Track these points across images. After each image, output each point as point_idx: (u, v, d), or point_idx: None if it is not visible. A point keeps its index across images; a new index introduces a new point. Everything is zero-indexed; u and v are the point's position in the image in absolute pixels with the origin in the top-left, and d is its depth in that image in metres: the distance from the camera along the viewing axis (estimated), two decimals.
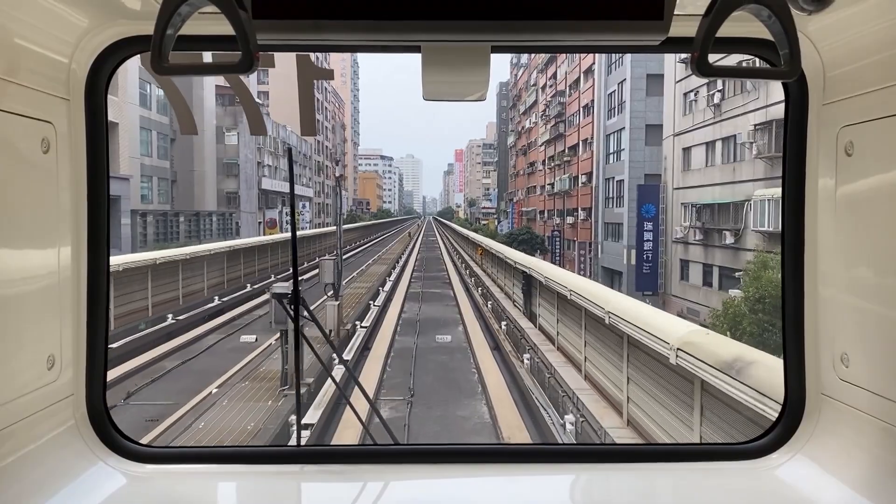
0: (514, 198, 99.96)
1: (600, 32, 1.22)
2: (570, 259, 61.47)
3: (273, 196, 72.70)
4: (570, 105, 62.79)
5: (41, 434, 1.74)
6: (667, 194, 37.32)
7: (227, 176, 64.70)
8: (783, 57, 1.21)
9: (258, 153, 67.39)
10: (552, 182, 71.47)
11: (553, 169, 70.89)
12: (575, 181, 60.87)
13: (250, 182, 65.76)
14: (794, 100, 1.85)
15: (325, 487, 2.02)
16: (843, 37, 1.66)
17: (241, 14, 1.12)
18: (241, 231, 64.56)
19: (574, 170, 60.88)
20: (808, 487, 1.86)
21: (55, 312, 1.76)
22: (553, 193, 70.02)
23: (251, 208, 65.70)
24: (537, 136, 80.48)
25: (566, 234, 63.81)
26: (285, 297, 3.30)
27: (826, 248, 1.83)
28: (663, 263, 37.23)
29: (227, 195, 64.62)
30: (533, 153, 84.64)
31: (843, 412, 1.83)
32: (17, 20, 1.51)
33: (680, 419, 9.07)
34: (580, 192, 58.52)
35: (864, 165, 1.67)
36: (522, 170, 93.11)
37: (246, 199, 65.58)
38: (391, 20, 1.20)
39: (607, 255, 50.15)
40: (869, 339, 1.71)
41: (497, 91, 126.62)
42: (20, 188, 1.60)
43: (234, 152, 64.28)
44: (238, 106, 63.60)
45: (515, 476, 2.01)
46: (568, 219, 61.97)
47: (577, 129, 59.88)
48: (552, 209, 71.75)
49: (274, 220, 69.19)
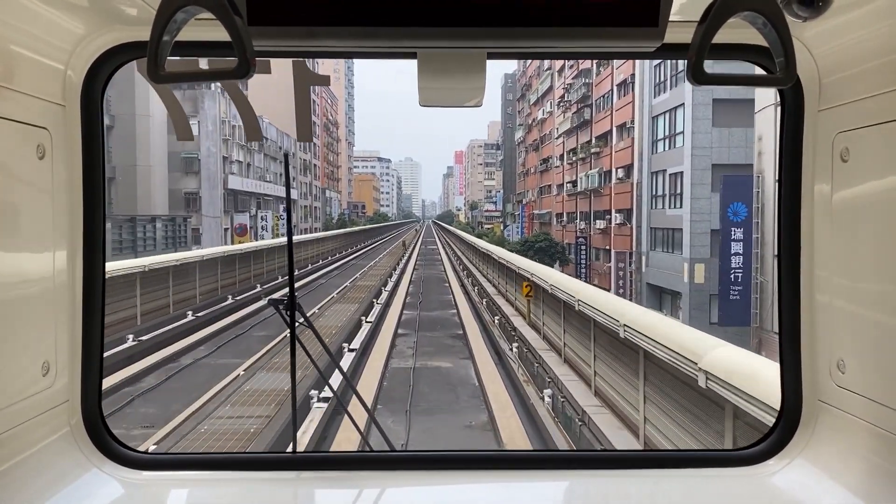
0: (524, 199, 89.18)
1: (595, 39, 1.22)
2: (601, 272, 50.55)
3: (244, 197, 61.79)
4: (600, 85, 52.04)
5: (36, 441, 1.74)
6: (763, 189, 25.95)
7: (186, 173, 53.89)
8: (778, 64, 1.20)
9: (224, 146, 56.53)
10: (573, 180, 60.65)
11: (574, 164, 60.11)
12: (607, 177, 50.05)
13: (214, 180, 54.89)
14: (789, 106, 1.86)
15: (321, 494, 2.04)
16: (839, 43, 1.68)
17: (237, 20, 1.12)
18: (203, 239, 53.77)
19: (605, 163, 50.04)
20: (804, 494, 1.88)
21: (50, 318, 1.77)
22: (575, 193, 59.24)
23: (214, 211, 54.83)
24: (553, 127, 69.77)
25: (594, 242, 52.97)
26: (282, 304, 2.24)
27: (822, 254, 1.85)
28: (757, 286, 25.90)
29: (186, 196, 53.83)
30: (547, 148, 73.88)
31: (839, 418, 1.83)
32: (13, 27, 1.53)
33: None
34: (614, 191, 47.73)
35: (860, 171, 1.69)
36: (534, 167, 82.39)
37: (208, 200, 54.71)
38: (387, 27, 1.20)
39: (656, 270, 39.31)
40: (866, 345, 1.72)
41: (502, 84, 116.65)
42: (16, 194, 1.62)
43: (193, 144, 53.44)
44: (199, 89, 53.04)
45: (513, 483, 2.00)
46: (597, 223, 51.12)
47: (609, 114, 49.08)
48: (573, 212, 60.94)
49: (244, 227, 58.32)
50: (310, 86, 42.04)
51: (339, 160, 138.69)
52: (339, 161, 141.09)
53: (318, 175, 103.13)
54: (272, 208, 71.55)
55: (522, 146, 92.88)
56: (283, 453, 3.42)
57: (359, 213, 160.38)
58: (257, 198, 66.35)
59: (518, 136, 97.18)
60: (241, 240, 55.66)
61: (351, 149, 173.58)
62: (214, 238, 54.34)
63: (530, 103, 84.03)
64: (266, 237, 62.66)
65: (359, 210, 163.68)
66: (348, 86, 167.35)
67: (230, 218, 57.51)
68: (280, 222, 71.12)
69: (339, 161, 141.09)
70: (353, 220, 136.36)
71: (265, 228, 65.11)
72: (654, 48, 1.24)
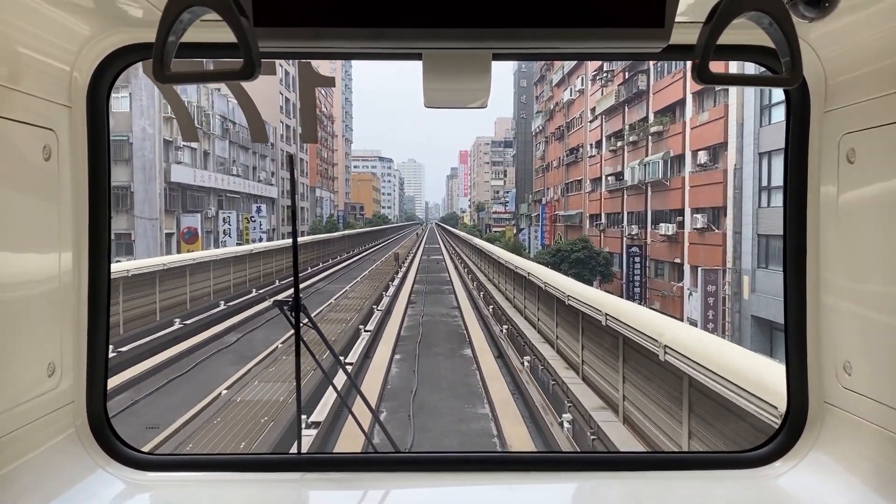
0: (544, 198, 76.15)
1: (601, 40, 1.22)
2: (665, 294, 37.46)
3: (196, 194, 48.76)
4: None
5: (41, 441, 1.75)
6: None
7: (113, 161, 41.04)
8: (784, 64, 1.20)
9: (168, 127, 43.59)
10: (617, 171, 47.61)
11: (619, 151, 47.08)
12: (675, 164, 37.03)
13: (150, 171, 41.96)
14: (795, 107, 1.85)
15: (325, 496, 2.04)
16: (845, 44, 1.68)
17: (243, 21, 1.13)
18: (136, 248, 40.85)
19: (674, 145, 37.02)
20: (810, 496, 1.87)
21: (56, 319, 1.78)
22: (620, 188, 46.23)
23: (151, 212, 41.85)
24: (584, 108, 56.82)
25: (653, 252, 39.93)
26: (286, 305, 2.34)
27: (828, 255, 1.85)
28: None
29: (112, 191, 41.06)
30: (576, 135, 60.89)
31: (845, 421, 1.83)
32: (20, 28, 1.54)
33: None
34: (690, 182, 34.70)
35: (867, 173, 1.68)
36: (557, 160, 69.39)
37: (143, 196, 41.79)
38: (392, 27, 1.20)
39: (767, 298, 26.27)
40: (872, 347, 1.71)
41: (514, 70, 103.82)
42: (22, 195, 1.63)
43: (124, 125, 40.61)
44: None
45: (517, 485, 2.00)
46: (659, 227, 38.07)
47: (680, 76, 36.01)
48: (615, 212, 47.91)
49: (194, 231, 45.33)
50: (315, 87, 41.47)
51: (334, 157, 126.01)
52: (336, 158, 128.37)
53: (307, 171, 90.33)
54: (240, 208, 58.70)
55: (541, 137, 79.85)
56: (287, 454, 3.03)
57: (357, 214, 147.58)
58: (219, 195, 53.44)
59: (535, 125, 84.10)
60: (189, 247, 42.77)
61: (349, 146, 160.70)
62: (151, 246, 41.39)
63: (552, 84, 71.10)
64: (229, 243, 49.90)
65: (357, 212, 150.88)
66: (345, 77, 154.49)
67: (175, 220, 44.59)
68: (251, 225, 58.30)
69: (336, 158, 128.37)
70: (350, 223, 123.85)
71: (228, 233, 52.20)
72: (661, 49, 1.23)
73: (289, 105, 75.88)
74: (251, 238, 56.90)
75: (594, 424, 10.72)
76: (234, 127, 57.91)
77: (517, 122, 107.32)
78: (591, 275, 43.64)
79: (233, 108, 56.39)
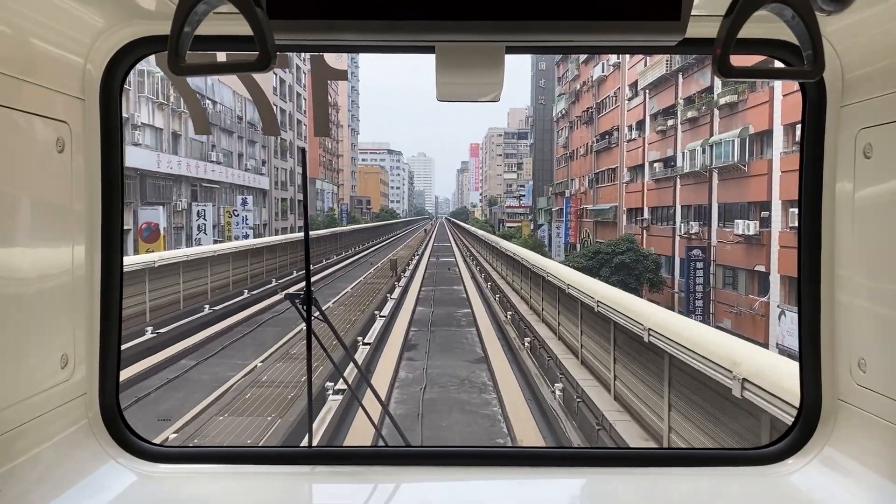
0: (568, 191, 68.09)
1: (617, 33, 1.22)
2: (743, 311, 29.46)
3: (161, 183, 41.03)
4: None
5: (54, 432, 1.76)
6: None
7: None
8: (806, 58, 1.19)
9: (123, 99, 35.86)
10: (667, 156, 39.60)
11: (670, 131, 39.05)
12: (757, 143, 28.97)
13: None
14: (811, 102, 1.84)
15: (335, 489, 2.05)
16: (862, 38, 1.66)
17: (258, 13, 1.13)
18: None
19: (756, 119, 28.95)
20: (823, 493, 1.87)
21: (69, 311, 1.79)
22: (671, 176, 38.23)
23: None
24: (620, 84, 48.78)
25: (721, 257, 31.93)
26: (298, 298, 2.33)
27: (843, 251, 1.83)
28: None
29: None
30: (608, 117, 52.83)
31: (859, 417, 1.82)
32: (33, 21, 1.56)
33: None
34: (782, 167, 26.65)
35: (883, 168, 1.67)
36: (584, 147, 61.34)
37: None
38: (405, 20, 1.21)
39: None
40: (886, 343, 1.70)
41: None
42: (35, 187, 1.64)
43: None
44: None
45: (526, 479, 2.00)
46: (735, 224, 30.00)
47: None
48: (666, 205, 39.91)
49: (155, 227, 37.61)
50: (327, 80, 40.28)
51: (339, 148, 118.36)
52: (341, 150, 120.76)
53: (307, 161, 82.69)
54: (222, 200, 51.03)
55: (564, 122, 71.76)
56: (298, 447, 3.10)
57: (363, 209, 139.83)
58: (192, 184, 45.77)
59: (557, 110, 75.98)
60: (149, 247, 35.08)
61: (355, 136, 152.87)
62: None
63: (579, 62, 62.98)
64: (204, 241, 42.24)
65: (363, 206, 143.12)
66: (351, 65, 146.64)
67: (132, 214, 36.94)
68: (234, 220, 50.57)
69: (341, 150, 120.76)
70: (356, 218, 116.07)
71: (203, 229, 44.49)
72: (677, 42, 1.22)
73: (283, 87, 68.08)
74: (234, 235, 49.20)
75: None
76: (213, 106, 50.19)
77: (535, 108, 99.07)
78: (638, 282, 35.65)
79: (212, 84, 48.73)
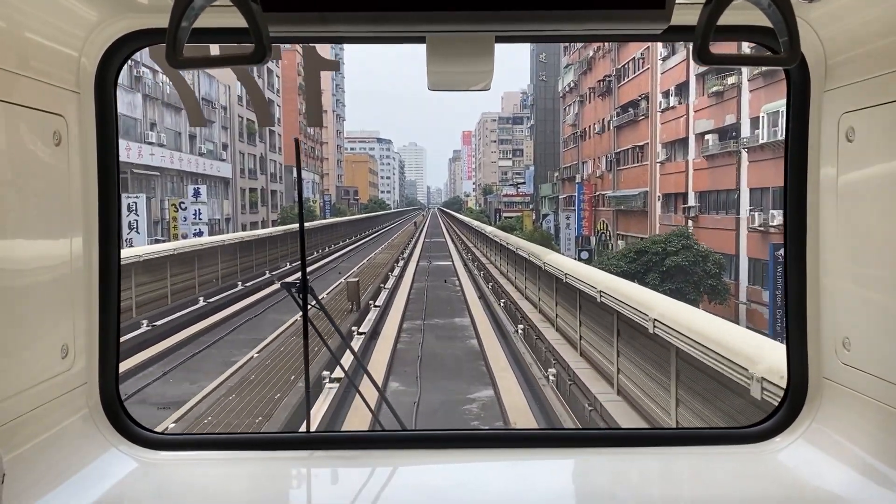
0: (580, 175, 59.21)
1: (603, 22, 1.25)
2: None
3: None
4: None
5: (55, 422, 1.78)
6: None
7: None
8: (783, 44, 1.22)
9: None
10: (724, 125, 30.80)
11: (724, 94, 30.22)
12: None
13: None
14: (795, 87, 1.87)
15: (334, 473, 2.09)
16: (845, 24, 1.69)
17: (253, 6, 1.15)
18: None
19: None
20: (810, 470, 1.90)
21: (68, 302, 1.81)
22: (730, 151, 29.42)
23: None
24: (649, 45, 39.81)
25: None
26: (294, 287, 2.45)
27: (828, 233, 1.87)
28: None
29: None
30: (632, 84, 43.96)
31: (845, 396, 1.85)
32: (28, 14, 1.57)
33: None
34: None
35: (866, 152, 1.70)
36: (599, 123, 52.42)
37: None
38: (396, 11, 1.22)
39: None
40: (870, 323, 1.74)
41: None
42: (32, 180, 1.66)
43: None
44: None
45: (522, 460, 2.03)
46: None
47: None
48: (726, 188, 31.20)
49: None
50: (320, 71, 39.25)
51: (323, 135, 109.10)
52: (325, 136, 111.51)
53: (280, 147, 73.50)
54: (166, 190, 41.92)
55: (573, 97, 62.82)
56: (296, 433, 3.15)
57: (350, 200, 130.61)
58: (122, 172, 36.58)
59: (564, 84, 66.98)
60: None
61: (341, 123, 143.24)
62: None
63: None
64: (138, 242, 33.38)
65: (350, 196, 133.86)
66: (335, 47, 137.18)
67: None
68: (179, 213, 41.46)
69: (325, 136, 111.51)
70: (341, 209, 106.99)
71: (134, 226, 35.45)
72: (661, 30, 1.25)
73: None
74: (180, 232, 40.12)
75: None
76: (152, 76, 40.96)
77: (535, 85, 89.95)
78: (697, 291, 26.87)
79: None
